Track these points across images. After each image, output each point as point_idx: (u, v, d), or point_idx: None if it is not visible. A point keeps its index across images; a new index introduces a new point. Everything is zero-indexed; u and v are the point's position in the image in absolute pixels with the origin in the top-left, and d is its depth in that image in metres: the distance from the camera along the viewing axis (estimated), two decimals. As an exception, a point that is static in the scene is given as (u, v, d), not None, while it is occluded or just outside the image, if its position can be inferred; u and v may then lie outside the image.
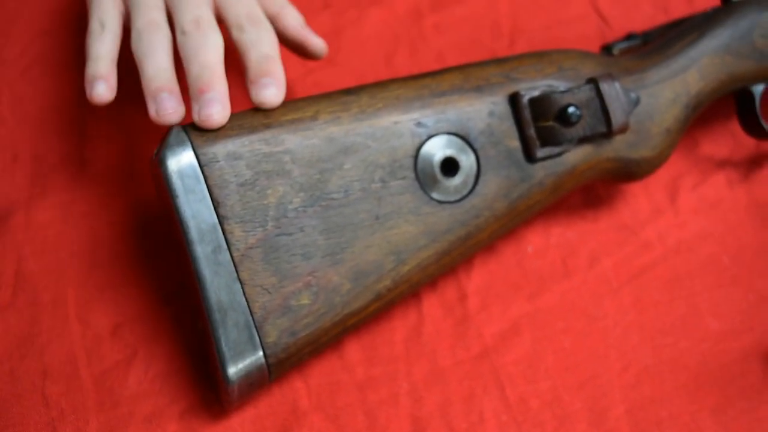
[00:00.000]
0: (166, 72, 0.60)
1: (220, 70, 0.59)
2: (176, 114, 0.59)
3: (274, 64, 0.60)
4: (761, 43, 0.67)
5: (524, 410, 0.64)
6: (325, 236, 0.59)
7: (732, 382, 0.66)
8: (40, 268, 0.66)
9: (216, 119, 0.58)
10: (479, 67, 0.64)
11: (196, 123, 0.58)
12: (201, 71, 0.59)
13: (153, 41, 0.61)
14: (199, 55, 0.59)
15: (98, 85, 0.61)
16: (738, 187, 0.72)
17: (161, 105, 0.59)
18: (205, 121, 0.58)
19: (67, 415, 0.62)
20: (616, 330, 0.67)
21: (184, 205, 0.57)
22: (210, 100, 0.58)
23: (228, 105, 0.58)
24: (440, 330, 0.67)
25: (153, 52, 0.61)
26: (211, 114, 0.57)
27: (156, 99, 0.59)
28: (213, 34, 0.61)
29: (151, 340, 0.64)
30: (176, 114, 0.59)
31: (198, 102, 0.58)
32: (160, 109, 0.59)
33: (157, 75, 0.60)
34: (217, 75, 0.59)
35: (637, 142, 0.65)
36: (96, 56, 0.62)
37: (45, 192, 0.68)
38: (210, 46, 0.60)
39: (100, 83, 0.61)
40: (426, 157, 0.61)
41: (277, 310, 0.58)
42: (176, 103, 0.59)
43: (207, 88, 0.58)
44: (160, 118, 0.59)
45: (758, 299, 0.69)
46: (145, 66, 0.60)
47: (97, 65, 0.62)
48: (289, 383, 0.64)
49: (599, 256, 0.70)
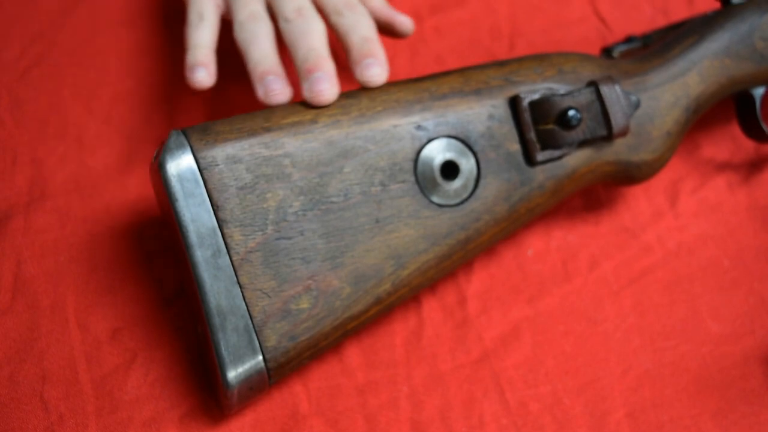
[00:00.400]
0: (271, 56, 0.63)
1: (325, 52, 0.63)
2: (283, 94, 0.62)
3: (375, 45, 0.63)
4: (761, 45, 0.67)
5: (524, 414, 0.64)
6: (325, 240, 0.59)
7: (733, 385, 0.66)
8: (39, 272, 0.66)
9: (326, 96, 0.60)
10: (479, 70, 0.63)
11: (307, 100, 0.60)
12: (308, 53, 0.62)
13: (255, 29, 0.64)
14: (305, 40, 0.63)
15: (199, 71, 0.63)
16: (738, 190, 0.72)
17: (269, 86, 0.62)
18: (316, 98, 0.60)
19: (66, 420, 0.62)
20: (617, 333, 0.67)
21: (183, 208, 0.57)
22: (319, 78, 0.60)
23: (336, 83, 0.61)
24: (440, 334, 0.67)
25: (256, 38, 0.64)
26: (322, 90, 0.60)
27: (263, 81, 0.62)
28: (315, 20, 0.64)
29: (150, 344, 0.64)
30: (283, 94, 0.62)
31: (308, 80, 0.61)
32: (268, 91, 0.62)
33: (263, 59, 0.63)
34: (324, 56, 0.62)
35: (638, 145, 0.64)
36: (195, 44, 0.65)
37: (44, 196, 0.68)
38: (314, 31, 0.63)
39: (200, 69, 0.64)
40: (426, 160, 0.61)
41: (277, 314, 0.58)
42: (283, 85, 0.62)
43: (315, 67, 0.61)
44: (268, 98, 0.62)
45: (759, 302, 0.69)
46: (251, 52, 0.63)
47: (197, 53, 0.64)
48: (288, 387, 0.64)
49: (599, 260, 0.70)
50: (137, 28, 0.75)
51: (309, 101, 0.60)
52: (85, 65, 0.73)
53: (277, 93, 0.62)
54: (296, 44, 0.63)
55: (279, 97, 0.62)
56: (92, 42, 0.74)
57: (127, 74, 0.73)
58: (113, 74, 0.73)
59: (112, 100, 0.72)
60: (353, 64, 0.63)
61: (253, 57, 0.63)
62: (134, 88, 0.73)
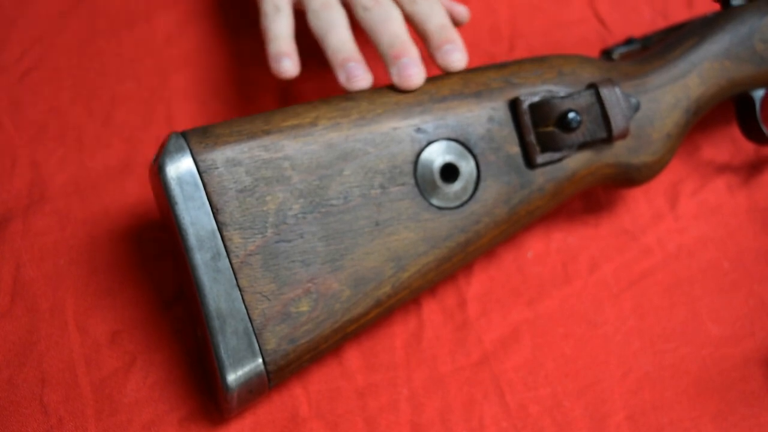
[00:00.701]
0: (349, 43, 0.65)
1: (408, 38, 0.64)
2: (365, 80, 0.63)
3: (452, 31, 0.65)
4: (761, 47, 0.66)
5: (524, 416, 0.64)
6: (325, 243, 0.59)
7: (733, 387, 0.66)
8: (38, 275, 0.66)
9: (416, 80, 0.62)
10: (479, 73, 0.63)
11: (396, 85, 0.62)
12: (392, 40, 0.63)
13: (331, 17, 0.65)
14: (387, 26, 0.64)
15: (284, 61, 0.65)
16: (738, 192, 0.72)
17: (351, 72, 0.63)
18: (405, 82, 0.62)
19: (65, 423, 0.62)
20: (617, 336, 0.67)
21: (183, 211, 0.57)
22: (407, 64, 0.62)
23: (423, 67, 0.63)
24: (440, 336, 0.66)
25: (334, 26, 0.65)
26: (411, 75, 0.62)
27: (345, 68, 0.63)
28: (393, 7, 0.65)
29: (150, 347, 0.64)
30: (365, 80, 0.63)
31: (396, 66, 0.62)
32: (350, 77, 0.63)
33: (342, 46, 0.64)
34: (408, 42, 0.64)
35: (638, 147, 0.64)
36: (276, 35, 0.66)
37: (43, 198, 0.68)
38: (394, 18, 0.65)
39: (285, 59, 0.65)
40: (426, 163, 0.61)
41: (277, 317, 0.57)
42: (364, 70, 0.63)
43: (402, 53, 0.63)
44: (351, 84, 0.63)
45: (759, 304, 0.69)
46: (329, 39, 0.65)
47: (279, 43, 0.66)
48: (288, 390, 0.64)
49: (599, 262, 0.69)
50: (136, 30, 0.75)
51: (398, 86, 0.62)
52: (85, 67, 0.73)
53: (359, 78, 0.63)
54: (378, 31, 0.64)
55: (361, 82, 0.63)
56: (91, 44, 0.74)
57: (127, 76, 0.73)
58: (113, 76, 0.73)
59: (112, 102, 0.72)
60: (434, 50, 0.64)
61: (331, 44, 0.64)
62: (134, 90, 0.73)
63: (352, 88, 0.63)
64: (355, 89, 0.63)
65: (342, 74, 0.63)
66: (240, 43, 0.75)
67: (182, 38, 0.74)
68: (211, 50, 0.75)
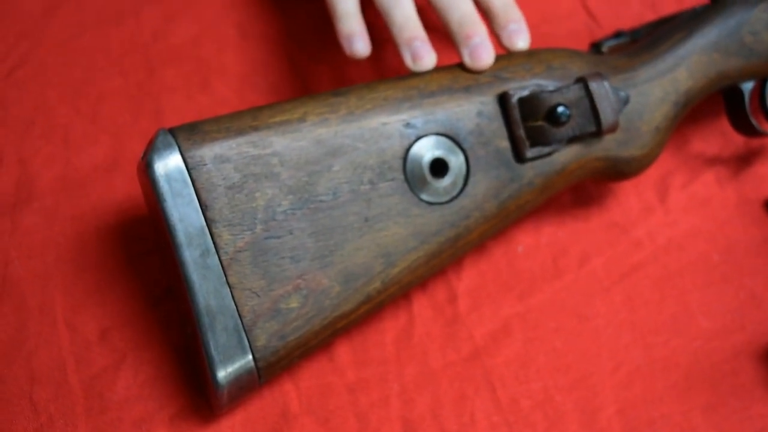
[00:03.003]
0: (414, 20, 0.65)
1: (477, 16, 0.65)
2: (430, 61, 0.63)
3: (516, 10, 0.66)
4: (750, 40, 0.66)
5: (515, 411, 0.64)
6: (314, 239, 0.58)
7: (723, 380, 0.66)
8: (26, 273, 0.66)
9: (487, 61, 0.63)
10: (467, 67, 0.63)
11: (467, 65, 0.63)
12: (462, 18, 0.64)
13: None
14: (455, 4, 0.64)
15: (357, 42, 0.65)
16: (727, 185, 0.72)
17: (417, 52, 0.63)
18: (477, 63, 0.63)
19: (55, 421, 0.62)
20: (608, 329, 0.67)
21: (171, 208, 0.56)
22: (478, 45, 0.63)
23: (492, 47, 0.63)
24: (431, 331, 0.66)
25: (398, 1, 0.65)
26: (483, 57, 0.63)
27: (411, 47, 0.63)
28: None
29: (139, 344, 0.64)
30: (430, 61, 0.63)
31: (467, 47, 0.63)
32: (416, 57, 0.63)
33: (407, 23, 0.64)
34: (478, 21, 0.64)
35: (627, 140, 0.64)
36: (345, 13, 0.66)
37: (31, 196, 0.68)
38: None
39: (358, 40, 0.65)
40: (415, 158, 0.61)
41: (267, 313, 0.57)
42: (429, 50, 0.63)
43: (473, 33, 0.63)
44: (417, 65, 0.63)
45: (749, 297, 0.69)
46: (394, 15, 0.65)
47: (350, 22, 0.65)
48: (279, 386, 0.64)
49: (590, 256, 0.70)
50: (123, 25, 0.75)
51: (469, 66, 0.63)
52: (71, 64, 0.73)
53: (425, 59, 0.63)
54: (448, 8, 0.64)
55: (427, 63, 0.63)
56: (78, 40, 0.74)
57: (114, 73, 0.73)
58: (100, 73, 0.73)
59: (99, 98, 0.72)
60: (499, 30, 0.65)
61: (397, 21, 0.64)
62: (121, 87, 0.72)
63: (418, 69, 0.63)
64: (420, 70, 0.63)
65: (408, 54, 0.63)
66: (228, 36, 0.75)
67: (169, 33, 0.74)
68: (199, 45, 0.75)
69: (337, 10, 0.66)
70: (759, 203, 0.72)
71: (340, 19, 0.65)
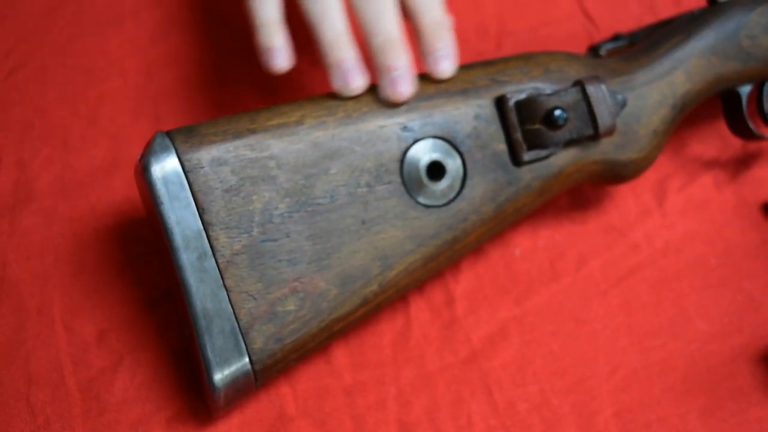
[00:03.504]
0: (344, 36, 0.60)
1: (402, 39, 0.60)
2: (360, 85, 0.60)
3: (447, 31, 0.61)
4: (747, 43, 0.67)
5: (512, 414, 0.64)
6: (312, 242, 0.58)
7: (720, 383, 0.66)
8: (25, 275, 0.66)
9: (406, 95, 0.59)
10: (465, 70, 0.63)
11: (384, 98, 0.60)
12: (384, 44, 0.60)
13: (325, 1, 0.60)
14: (381, 24, 0.60)
15: (277, 57, 0.61)
16: (725, 188, 0.72)
17: (346, 77, 0.59)
18: (394, 96, 0.59)
19: (52, 423, 0.62)
20: (605, 332, 0.67)
21: (168, 211, 0.56)
22: (399, 78, 0.59)
23: (414, 77, 0.60)
24: (428, 334, 0.66)
25: (327, 14, 0.60)
26: (403, 92, 0.59)
27: (340, 70, 0.59)
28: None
29: (137, 346, 0.64)
30: (360, 85, 0.60)
31: (387, 78, 0.59)
32: (345, 82, 0.59)
33: (336, 41, 0.60)
34: (401, 47, 0.60)
35: (624, 144, 0.64)
36: (263, 22, 0.61)
37: (30, 198, 0.68)
38: (389, 12, 0.60)
39: (277, 54, 0.61)
40: (412, 161, 0.61)
41: (263, 316, 0.57)
42: (359, 73, 0.60)
43: (395, 63, 0.59)
44: (345, 92, 0.60)
45: (746, 300, 0.69)
46: (323, 31, 0.60)
47: (268, 32, 0.61)
48: (276, 389, 0.64)
49: (587, 259, 0.70)
50: (123, 28, 0.75)
51: (387, 99, 0.60)
52: (71, 66, 0.73)
53: (355, 85, 0.60)
54: (371, 29, 0.60)
55: (356, 89, 0.60)
56: (78, 42, 0.74)
57: (113, 75, 0.73)
58: (99, 75, 0.73)
59: (98, 101, 0.72)
60: (424, 53, 0.61)
61: (326, 38, 0.60)
62: (120, 89, 0.72)
63: (347, 95, 0.60)
64: (349, 95, 0.60)
65: (337, 79, 0.60)
66: (227, 40, 0.75)
67: (168, 36, 0.74)
68: (198, 48, 0.75)
69: (256, 19, 0.61)
70: (757, 206, 0.72)
71: (258, 30, 0.61)
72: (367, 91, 0.61)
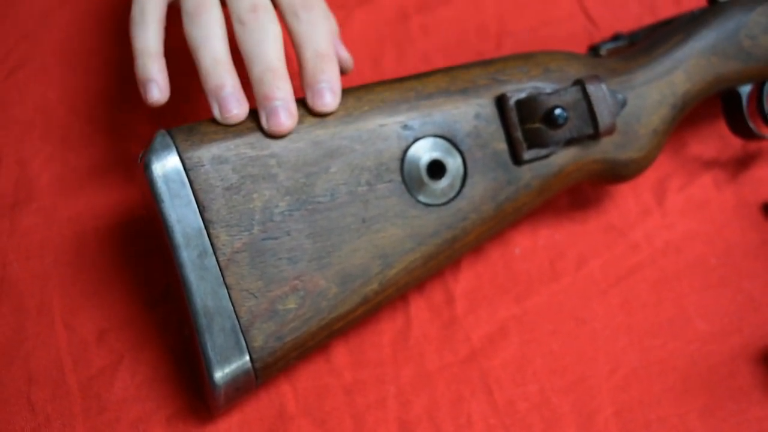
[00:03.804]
0: (224, 63, 0.59)
1: (282, 69, 0.58)
2: (240, 115, 0.58)
3: (329, 63, 0.60)
4: (748, 43, 0.67)
5: (512, 413, 0.64)
6: (312, 240, 0.59)
7: (720, 383, 0.66)
8: (25, 274, 0.66)
9: (286, 127, 0.58)
10: (465, 69, 0.63)
11: (265, 130, 0.58)
12: (264, 74, 0.58)
13: (206, 25, 0.59)
14: (261, 53, 0.58)
15: (152, 90, 0.59)
16: (725, 188, 0.72)
17: (223, 105, 0.58)
18: (274, 128, 0.58)
19: (53, 421, 0.62)
20: (605, 332, 0.67)
21: (169, 209, 0.56)
22: (277, 109, 0.58)
23: (294, 108, 0.58)
24: (428, 333, 0.66)
25: (207, 39, 0.59)
26: (282, 123, 0.58)
27: (218, 98, 0.58)
28: (271, 24, 0.59)
29: (137, 345, 0.64)
30: (240, 115, 0.58)
31: (265, 109, 0.58)
32: (223, 111, 0.58)
33: (215, 68, 0.58)
34: (281, 77, 0.58)
35: (624, 143, 0.64)
36: (142, 51, 0.60)
37: (30, 197, 0.68)
38: (270, 41, 0.59)
39: (153, 88, 0.59)
40: (412, 159, 0.61)
41: (264, 314, 0.57)
42: (238, 100, 0.58)
43: (273, 94, 0.58)
44: (224, 119, 0.58)
45: (746, 300, 0.69)
46: (201, 56, 0.59)
47: (146, 64, 0.60)
48: (276, 387, 0.64)
49: (587, 258, 0.70)
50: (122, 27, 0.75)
51: (268, 132, 0.58)
52: (71, 65, 0.73)
53: (233, 113, 0.58)
54: (251, 58, 0.59)
55: (234, 117, 0.58)
56: (78, 42, 0.74)
57: (113, 74, 0.73)
58: (99, 74, 0.73)
59: (98, 100, 0.72)
60: (305, 85, 0.59)
61: (204, 63, 0.58)
62: (120, 88, 0.72)
63: (226, 123, 0.58)
64: (229, 123, 0.58)
65: (214, 106, 0.58)
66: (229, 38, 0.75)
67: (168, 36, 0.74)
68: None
69: (134, 48, 0.60)
70: (757, 206, 0.72)
71: (135, 57, 0.60)
72: (368, 90, 0.61)
